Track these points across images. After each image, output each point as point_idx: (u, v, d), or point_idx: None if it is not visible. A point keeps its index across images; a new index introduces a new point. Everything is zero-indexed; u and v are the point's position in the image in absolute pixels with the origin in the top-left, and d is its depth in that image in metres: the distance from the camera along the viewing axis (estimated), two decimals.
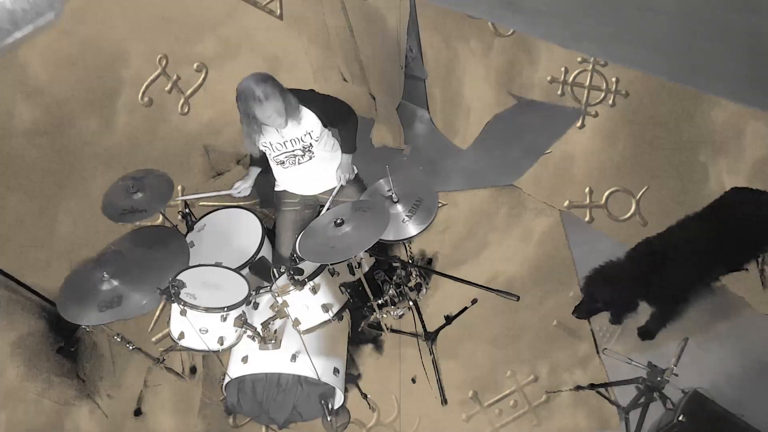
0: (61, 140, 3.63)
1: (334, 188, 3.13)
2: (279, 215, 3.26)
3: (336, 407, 3.09)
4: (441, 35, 4.04)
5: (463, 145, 4.36)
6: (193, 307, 2.65)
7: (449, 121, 4.41)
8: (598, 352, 3.40)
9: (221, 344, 2.82)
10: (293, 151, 2.93)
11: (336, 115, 2.96)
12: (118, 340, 3.01)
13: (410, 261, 3.33)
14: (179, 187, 3.91)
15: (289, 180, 3.16)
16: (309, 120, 2.86)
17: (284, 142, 2.89)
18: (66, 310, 2.60)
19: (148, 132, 3.90)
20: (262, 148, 2.94)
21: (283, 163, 2.99)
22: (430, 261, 3.86)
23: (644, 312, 3.29)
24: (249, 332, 2.84)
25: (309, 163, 3.00)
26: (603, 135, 3.96)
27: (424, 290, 3.49)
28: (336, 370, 3.00)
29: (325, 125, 2.91)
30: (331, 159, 3.10)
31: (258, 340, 2.86)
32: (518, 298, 2.64)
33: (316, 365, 2.82)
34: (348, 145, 3.12)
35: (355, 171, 3.24)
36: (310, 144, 2.92)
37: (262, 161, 3.14)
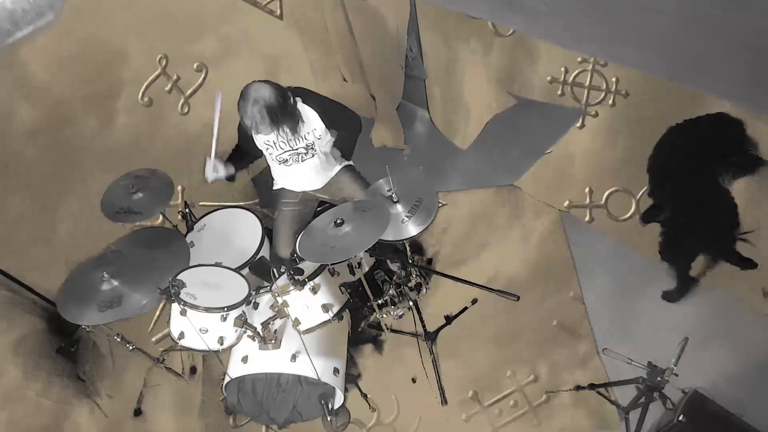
0: (61, 140, 3.63)
1: (335, 178, 3.11)
2: (278, 214, 3.26)
3: (336, 407, 3.09)
4: (441, 35, 4.03)
5: (463, 145, 4.36)
6: (193, 307, 2.65)
7: (449, 121, 4.41)
8: (598, 352, 3.40)
9: (221, 344, 2.82)
10: (297, 149, 2.93)
11: (339, 120, 2.95)
12: (118, 340, 3.01)
13: (410, 261, 3.33)
14: (179, 187, 3.91)
15: (289, 178, 3.16)
16: (312, 119, 2.86)
17: (288, 141, 2.88)
18: (66, 310, 2.60)
19: (148, 132, 3.90)
20: (263, 145, 2.93)
21: (287, 161, 2.98)
22: (430, 261, 3.86)
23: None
24: (249, 332, 2.84)
25: (312, 160, 3.00)
26: (603, 135, 3.96)
27: (424, 290, 3.48)
28: (336, 370, 3.00)
29: (327, 127, 2.92)
30: (331, 156, 3.11)
31: (258, 340, 2.86)
32: (518, 298, 2.64)
33: (316, 365, 2.82)
34: (345, 149, 3.10)
35: (350, 163, 3.23)
36: (313, 142, 2.92)
37: (240, 160, 3.06)
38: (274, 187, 3.27)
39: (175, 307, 2.70)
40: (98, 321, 2.55)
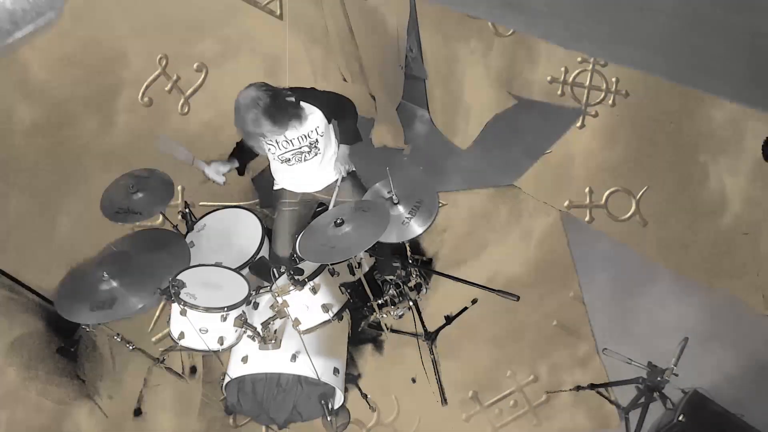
0: (61, 140, 3.63)
1: (335, 184, 3.11)
2: (277, 214, 3.26)
3: (336, 407, 3.09)
4: (441, 35, 4.03)
5: (463, 145, 4.36)
6: (193, 307, 2.65)
7: (449, 121, 4.41)
8: (598, 352, 3.40)
9: (221, 344, 2.82)
10: (300, 148, 2.93)
11: (337, 108, 2.98)
12: (118, 340, 3.01)
13: (410, 261, 3.33)
14: (179, 187, 3.90)
15: (290, 178, 3.16)
16: (315, 116, 2.86)
17: (291, 140, 2.88)
18: (64, 309, 2.58)
19: (148, 132, 3.90)
20: (266, 145, 2.93)
21: (289, 160, 2.98)
22: (430, 261, 3.86)
23: None
24: (249, 332, 2.84)
25: (314, 159, 3.01)
26: (603, 135, 3.96)
27: (424, 290, 3.49)
28: (336, 370, 3.00)
29: (329, 120, 2.92)
30: (332, 155, 3.11)
31: (258, 340, 2.86)
32: (518, 298, 2.65)
33: (316, 365, 2.82)
34: (348, 136, 3.11)
35: (353, 168, 3.24)
36: (317, 140, 2.92)
37: (245, 155, 3.07)
38: (275, 188, 3.27)
39: (175, 307, 2.70)
40: (99, 320, 2.55)
